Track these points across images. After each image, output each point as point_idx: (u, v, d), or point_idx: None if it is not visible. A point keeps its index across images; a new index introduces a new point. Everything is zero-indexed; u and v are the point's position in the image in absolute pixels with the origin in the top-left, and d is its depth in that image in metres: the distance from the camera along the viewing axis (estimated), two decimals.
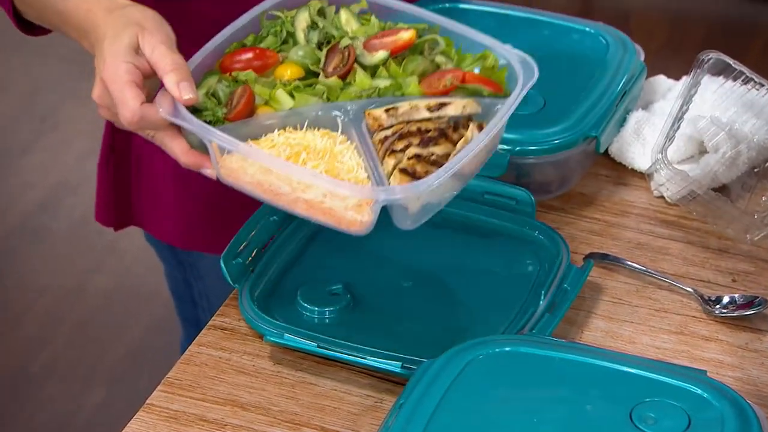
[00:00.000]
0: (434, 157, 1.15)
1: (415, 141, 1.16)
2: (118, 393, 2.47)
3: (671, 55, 3.22)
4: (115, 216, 1.53)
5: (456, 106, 1.18)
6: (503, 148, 1.30)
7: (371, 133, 1.19)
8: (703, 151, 1.34)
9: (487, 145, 1.16)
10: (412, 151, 1.16)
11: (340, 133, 1.18)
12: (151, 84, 1.18)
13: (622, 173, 1.39)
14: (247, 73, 1.21)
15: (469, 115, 1.19)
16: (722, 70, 1.35)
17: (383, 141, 1.18)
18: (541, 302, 1.20)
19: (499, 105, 1.18)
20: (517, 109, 1.19)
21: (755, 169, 1.35)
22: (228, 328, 1.22)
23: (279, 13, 1.26)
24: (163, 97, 1.16)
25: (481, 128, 1.17)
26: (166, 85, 1.15)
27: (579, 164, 1.37)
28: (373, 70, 1.23)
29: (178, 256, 1.56)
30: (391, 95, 1.21)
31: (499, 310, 1.22)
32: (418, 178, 1.13)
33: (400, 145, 1.17)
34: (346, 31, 1.26)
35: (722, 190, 1.33)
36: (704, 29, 3.38)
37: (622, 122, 1.39)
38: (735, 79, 1.35)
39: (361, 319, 1.22)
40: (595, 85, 1.39)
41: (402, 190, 1.11)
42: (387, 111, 1.19)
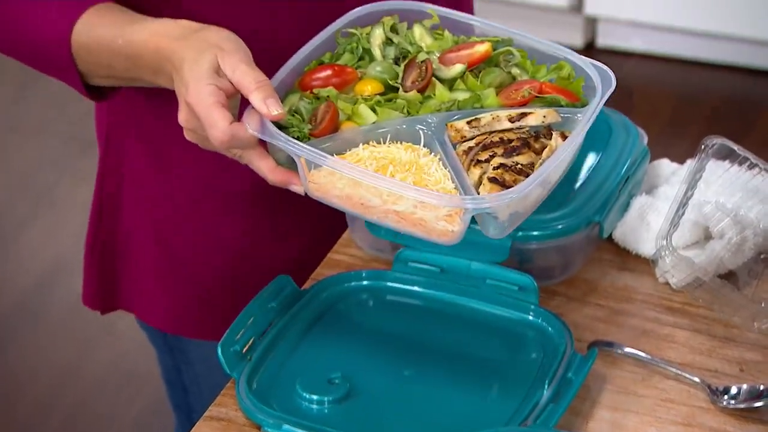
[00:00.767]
0: (519, 167, 1.18)
1: (499, 151, 1.19)
2: None
3: (677, 132, 3.21)
4: (102, 299, 1.51)
5: (537, 116, 1.21)
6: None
7: (453, 145, 1.21)
8: (709, 237, 1.32)
9: (571, 154, 1.19)
10: (497, 161, 1.18)
11: (423, 146, 1.21)
12: (234, 104, 1.20)
13: (627, 259, 1.37)
14: (329, 90, 1.24)
15: (548, 125, 1.21)
16: (727, 155, 1.34)
17: (467, 152, 1.20)
18: (545, 392, 1.18)
19: (579, 114, 1.21)
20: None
21: (762, 256, 1.33)
22: (225, 419, 1.19)
23: (353, 31, 1.29)
24: (251, 115, 1.19)
25: (564, 137, 1.20)
26: (252, 102, 1.18)
27: (582, 249, 1.35)
28: (450, 84, 1.26)
29: (167, 341, 1.54)
30: (470, 107, 1.24)
31: (502, 400, 1.20)
32: (507, 186, 1.15)
33: (484, 156, 1.19)
34: (421, 46, 1.29)
35: (728, 276, 1.31)
36: (710, 105, 3.38)
37: (626, 207, 1.38)
38: (740, 164, 1.34)
39: (361, 409, 1.19)
40: (598, 169, 1.37)
41: (492, 198, 1.14)
42: (469, 123, 1.22)
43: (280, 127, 1.20)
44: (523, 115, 1.21)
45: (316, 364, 1.24)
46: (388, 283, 1.33)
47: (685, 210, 1.30)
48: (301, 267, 1.40)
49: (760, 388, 1.20)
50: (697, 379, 1.22)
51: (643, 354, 1.24)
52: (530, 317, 1.28)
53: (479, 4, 3.74)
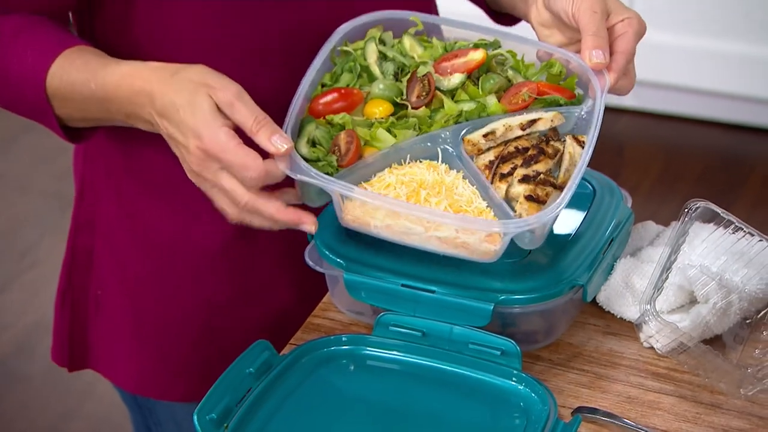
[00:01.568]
0: (542, 176, 1.24)
1: (518, 162, 1.25)
2: None
3: (668, 189, 3.21)
4: (70, 356, 1.50)
5: (545, 121, 1.27)
6: (488, 297, 1.27)
7: (471, 158, 1.27)
8: (694, 301, 1.30)
9: (587, 160, 1.24)
10: (520, 172, 1.24)
11: (441, 162, 1.26)
12: None
13: (611, 322, 1.35)
14: (342, 116, 1.28)
15: (555, 127, 1.28)
16: (711, 217, 1.32)
17: (489, 166, 1.26)
18: None
19: (577, 111, 1.28)
20: (501, 258, 1.24)
21: (747, 321, 1.31)
22: None
23: (348, 49, 1.33)
24: (278, 157, 1.21)
25: (576, 140, 1.26)
26: (260, 144, 1.19)
27: (566, 313, 1.33)
28: (451, 93, 1.31)
29: (137, 400, 1.52)
30: (477, 116, 1.29)
31: None
32: (541, 201, 1.22)
33: (506, 168, 1.25)
34: (413, 57, 1.33)
35: (714, 341, 1.29)
36: (702, 161, 3.37)
37: (610, 270, 1.36)
38: (725, 227, 1.32)
39: None
40: (582, 232, 1.36)
41: (535, 219, 1.20)
42: (485, 136, 1.27)
43: (307, 160, 1.24)
44: (533, 122, 1.27)
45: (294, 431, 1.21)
46: (369, 348, 1.31)
47: (669, 274, 1.29)
48: (280, 330, 1.39)
49: None
50: None
51: (627, 421, 1.22)
52: (513, 383, 1.26)
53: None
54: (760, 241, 1.32)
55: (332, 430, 1.22)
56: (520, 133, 1.27)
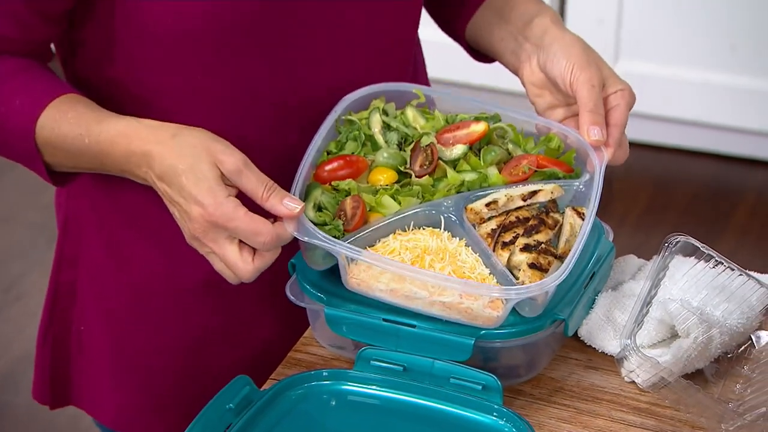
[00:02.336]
0: (543, 246, 1.27)
1: (520, 231, 1.28)
2: None
3: (656, 220, 3.21)
4: (51, 394, 1.49)
5: (545, 193, 1.31)
6: (469, 331, 1.27)
7: (473, 226, 1.30)
8: (675, 335, 1.30)
9: (588, 231, 1.27)
10: (521, 241, 1.27)
11: (444, 230, 1.29)
12: None
13: (593, 356, 1.35)
14: (348, 182, 1.31)
15: (554, 199, 1.31)
16: (692, 251, 1.32)
17: (491, 234, 1.29)
18: None
19: (575, 184, 1.32)
20: None
21: (728, 355, 1.31)
22: None
23: (352, 118, 1.36)
24: (287, 220, 1.24)
25: (576, 211, 1.30)
26: (273, 210, 1.21)
27: (548, 347, 1.33)
28: (453, 163, 1.35)
29: None
30: (478, 186, 1.33)
31: None
32: (544, 269, 1.25)
33: (508, 237, 1.28)
34: (416, 128, 1.37)
35: (695, 376, 1.29)
36: (689, 192, 3.37)
37: (591, 304, 1.36)
38: (705, 261, 1.32)
39: None
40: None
41: (537, 287, 1.22)
42: (487, 205, 1.30)
43: (314, 224, 1.26)
44: (534, 193, 1.31)
45: None
46: (350, 383, 1.30)
47: (649, 308, 1.29)
48: (261, 365, 1.38)
49: None
50: None
51: None
52: (494, 418, 1.25)
53: (459, 92, 3.76)
54: (740, 275, 1.32)
55: None
56: (521, 203, 1.31)
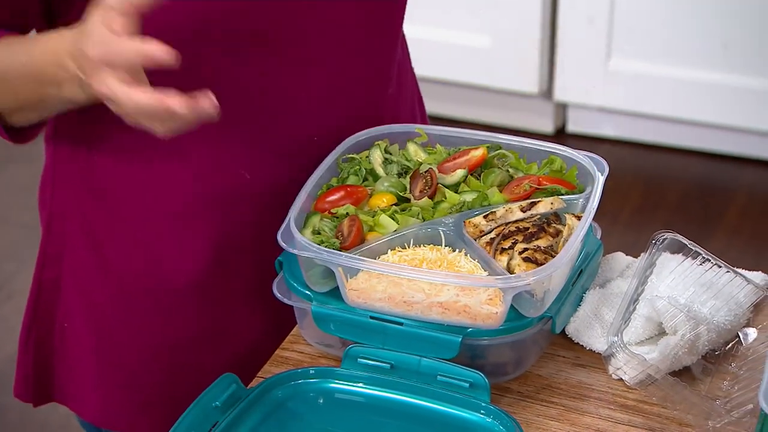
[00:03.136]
0: (543, 249, 1.27)
1: (520, 238, 1.28)
2: None
3: (646, 218, 3.21)
4: (34, 391, 1.49)
5: (545, 204, 1.31)
6: (456, 329, 1.26)
7: (473, 240, 1.30)
8: (662, 333, 1.30)
9: (585, 231, 1.28)
10: (520, 246, 1.27)
11: (445, 246, 1.29)
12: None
13: (581, 354, 1.35)
14: (347, 207, 1.33)
15: (555, 211, 1.31)
16: (679, 249, 1.32)
17: (490, 243, 1.29)
18: None
19: (579, 199, 1.33)
20: None
21: (715, 352, 1.31)
22: None
23: (353, 156, 1.39)
24: (285, 233, 1.26)
25: (576, 217, 1.30)
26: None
27: (535, 345, 1.32)
28: (454, 189, 1.36)
29: None
30: (479, 206, 1.33)
31: None
32: (540, 264, 1.24)
33: (507, 244, 1.28)
34: (418, 162, 1.39)
35: (682, 373, 1.29)
36: (680, 190, 3.38)
37: (579, 301, 1.36)
38: (693, 258, 1.32)
39: None
40: None
41: (531, 274, 1.22)
42: (485, 217, 1.31)
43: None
44: (533, 204, 1.31)
45: None
46: (337, 381, 1.30)
47: (636, 306, 1.29)
48: (248, 364, 1.38)
49: None
50: None
51: None
52: (481, 415, 1.25)
53: (451, 90, 3.76)
54: (728, 272, 1.32)
55: None
56: (520, 215, 1.31)
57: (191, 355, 1.43)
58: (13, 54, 1.26)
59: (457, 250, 1.29)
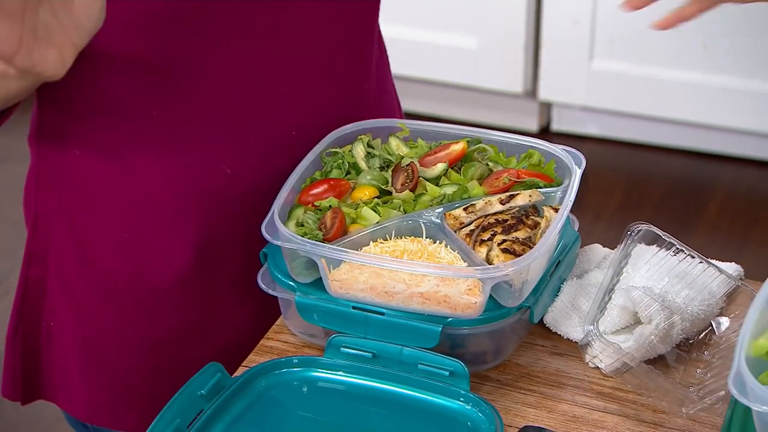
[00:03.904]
0: (521, 240, 1.30)
1: (498, 230, 1.31)
2: None
3: (629, 215, 3.23)
4: (22, 389, 1.49)
5: (524, 196, 1.34)
6: (437, 319, 1.29)
7: (453, 232, 1.32)
8: (638, 322, 1.33)
9: (562, 223, 1.30)
10: (499, 237, 1.30)
11: (425, 237, 1.32)
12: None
13: (558, 343, 1.37)
14: (330, 200, 1.36)
15: (534, 204, 1.34)
16: (654, 240, 1.35)
17: (470, 234, 1.32)
18: None
19: (557, 191, 1.36)
20: None
21: (689, 341, 1.34)
22: None
23: (336, 150, 1.42)
24: (269, 225, 1.28)
25: (554, 209, 1.33)
26: None
27: (514, 334, 1.35)
28: (435, 182, 1.39)
29: (89, 430, 1.52)
30: (459, 198, 1.36)
31: None
32: (519, 255, 1.27)
33: (486, 235, 1.31)
34: (400, 156, 1.42)
35: (657, 361, 1.32)
36: (662, 187, 3.41)
37: (557, 292, 1.39)
38: (667, 249, 1.35)
39: None
40: None
41: (510, 265, 1.24)
42: (465, 209, 1.34)
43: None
44: (512, 197, 1.34)
45: None
46: (320, 369, 1.32)
47: (612, 295, 1.31)
48: (233, 354, 1.40)
49: None
50: None
51: None
52: (460, 402, 1.28)
53: (437, 90, 3.77)
54: (701, 263, 1.35)
55: None
56: (499, 207, 1.34)
57: (177, 349, 1.44)
58: None
59: (438, 242, 1.32)
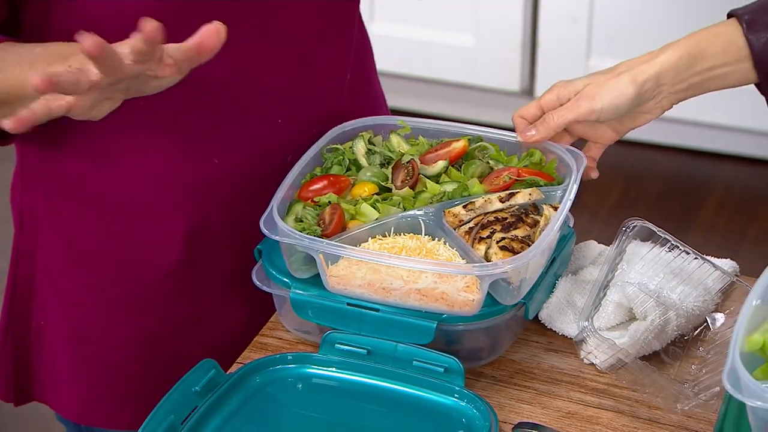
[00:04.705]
0: (520, 238, 1.29)
1: (498, 228, 1.30)
2: None
3: (626, 214, 3.22)
4: (15, 390, 1.49)
5: (524, 195, 1.34)
6: (432, 316, 1.29)
7: (453, 230, 1.31)
8: (633, 318, 1.33)
9: (561, 222, 1.30)
10: (498, 235, 1.29)
11: (425, 235, 1.31)
12: None
13: (553, 339, 1.37)
14: (329, 195, 1.36)
15: (534, 202, 1.33)
16: (648, 236, 1.35)
17: (469, 232, 1.31)
18: None
19: (557, 190, 1.35)
20: None
21: (684, 337, 1.34)
22: None
23: (337, 146, 1.42)
24: (267, 220, 1.28)
25: (554, 208, 1.32)
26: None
27: (509, 330, 1.35)
28: (435, 179, 1.38)
29: (82, 430, 1.51)
30: (459, 196, 1.35)
31: None
32: (517, 253, 1.26)
33: (485, 233, 1.30)
34: (400, 153, 1.41)
35: (652, 357, 1.32)
36: (659, 186, 3.41)
37: (552, 288, 1.38)
38: (661, 245, 1.35)
39: None
40: None
41: (508, 262, 1.24)
42: (465, 207, 1.33)
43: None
44: (512, 195, 1.34)
45: None
46: (315, 366, 1.32)
47: (606, 292, 1.31)
48: (227, 351, 1.39)
49: None
50: None
51: None
52: (455, 399, 1.27)
53: (435, 88, 3.76)
54: (696, 259, 1.35)
55: None
56: (499, 205, 1.33)
57: (169, 345, 1.44)
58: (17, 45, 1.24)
59: (437, 239, 1.32)
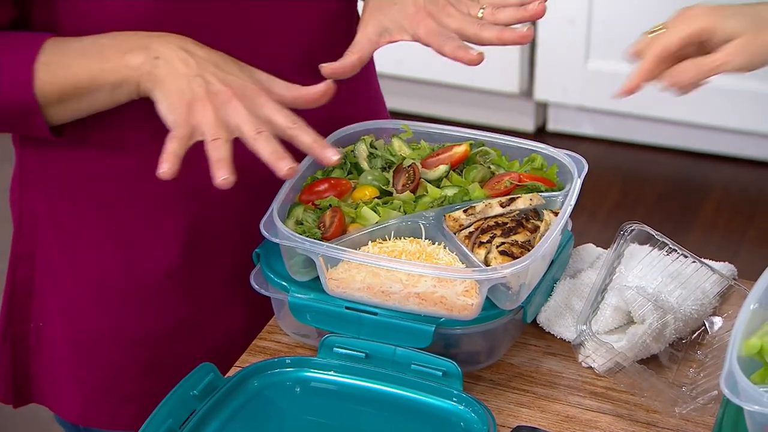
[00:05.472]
0: (520, 243, 1.29)
1: (498, 232, 1.30)
2: None
3: (624, 215, 3.21)
4: (14, 392, 1.49)
5: (524, 200, 1.34)
6: (430, 319, 1.29)
7: (453, 234, 1.31)
8: (631, 322, 1.33)
9: (561, 228, 1.30)
10: (498, 240, 1.29)
11: (425, 238, 1.31)
12: None
13: (552, 343, 1.37)
14: (330, 199, 1.36)
15: (534, 207, 1.33)
16: (647, 239, 1.35)
17: (469, 237, 1.31)
18: None
19: (558, 196, 1.35)
20: None
21: (682, 341, 1.34)
22: None
23: (338, 149, 1.40)
24: (267, 223, 1.28)
25: (554, 213, 1.32)
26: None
27: (507, 334, 1.35)
28: (436, 183, 1.39)
29: None
30: (460, 201, 1.36)
31: None
32: (516, 258, 1.26)
33: (485, 238, 1.30)
34: (402, 157, 1.42)
35: (650, 361, 1.32)
36: (658, 187, 3.41)
37: (550, 291, 1.38)
38: (660, 249, 1.35)
39: None
40: None
41: (507, 267, 1.24)
42: (465, 211, 1.33)
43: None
44: (512, 200, 1.34)
45: None
46: (313, 370, 1.32)
47: (605, 295, 1.31)
48: (226, 355, 1.40)
49: None
50: None
51: None
52: (453, 403, 1.27)
53: (434, 90, 3.76)
54: (694, 262, 1.35)
55: None
56: (499, 210, 1.33)
57: (168, 348, 1.44)
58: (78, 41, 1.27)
59: (437, 243, 1.31)
